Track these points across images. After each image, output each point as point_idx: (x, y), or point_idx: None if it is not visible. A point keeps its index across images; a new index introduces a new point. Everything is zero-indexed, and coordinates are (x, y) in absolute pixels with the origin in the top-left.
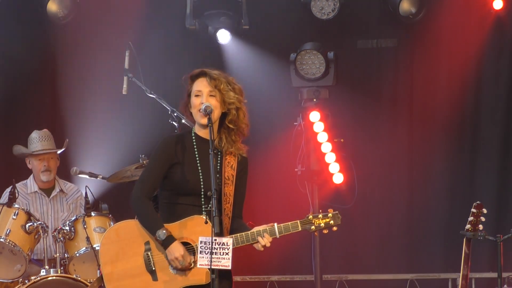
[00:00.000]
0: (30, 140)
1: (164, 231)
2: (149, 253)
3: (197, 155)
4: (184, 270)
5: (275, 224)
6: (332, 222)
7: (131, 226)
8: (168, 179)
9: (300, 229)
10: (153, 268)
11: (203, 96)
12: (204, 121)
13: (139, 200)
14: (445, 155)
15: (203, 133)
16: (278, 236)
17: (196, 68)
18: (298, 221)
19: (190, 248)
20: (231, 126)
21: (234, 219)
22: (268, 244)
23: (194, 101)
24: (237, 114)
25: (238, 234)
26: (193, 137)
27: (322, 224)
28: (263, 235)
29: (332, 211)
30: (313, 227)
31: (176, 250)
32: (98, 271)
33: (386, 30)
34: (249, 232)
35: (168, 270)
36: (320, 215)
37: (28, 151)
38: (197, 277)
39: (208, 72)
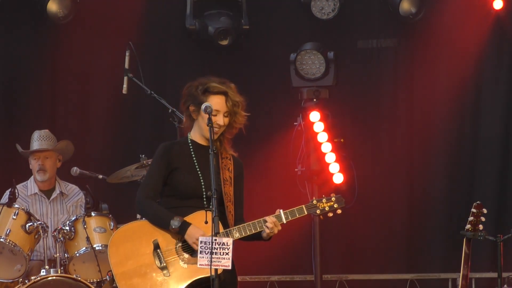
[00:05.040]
0: (31, 140)
1: (177, 219)
2: (158, 250)
3: (195, 160)
4: (195, 263)
5: (281, 210)
6: (336, 205)
7: (137, 226)
8: (168, 185)
9: (306, 213)
10: (164, 264)
11: (219, 115)
12: (216, 135)
13: (143, 202)
14: (445, 155)
15: (201, 140)
16: (285, 221)
17: (197, 69)
18: (303, 205)
19: None
20: (229, 137)
21: (237, 222)
22: (274, 228)
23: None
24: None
25: (245, 224)
26: (190, 144)
27: (327, 208)
28: (273, 220)
29: (334, 194)
30: (318, 210)
31: (196, 232)
32: (107, 276)
33: (386, 30)
34: (255, 221)
35: (179, 264)
36: (324, 199)
37: (24, 150)
38: (208, 269)
39: (230, 93)
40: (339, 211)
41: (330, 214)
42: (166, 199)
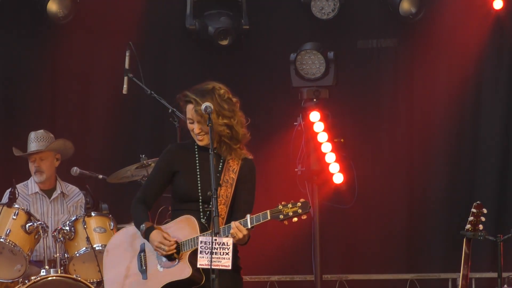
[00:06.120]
0: (27, 141)
1: (144, 224)
2: (142, 254)
3: (197, 163)
4: (169, 267)
5: (248, 215)
6: (300, 210)
7: (131, 232)
8: (172, 188)
9: (269, 218)
10: (144, 268)
11: (195, 123)
12: (202, 143)
13: (132, 205)
14: (445, 155)
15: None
16: (249, 226)
17: (197, 69)
18: (268, 210)
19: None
20: (228, 141)
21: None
22: (238, 233)
23: (188, 126)
24: (231, 132)
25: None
26: (196, 146)
27: (291, 213)
28: (236, 225)
29: (303, 200)
30: (281, 215)
31: (155, 237)
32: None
33: (386, 30)
34: (225, 226)
35: (156, 268)
36: (290, 204)
37: (18, 153)
38: (181, 272)
39: (195, 101)
40: (304, 217)
41: (295, 219)
42: (172, 201)
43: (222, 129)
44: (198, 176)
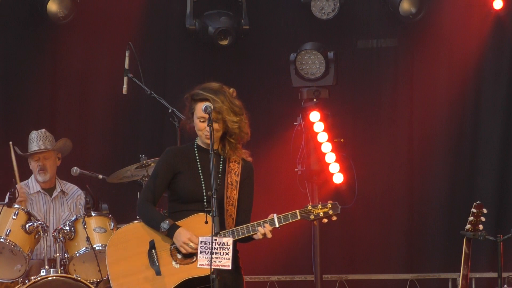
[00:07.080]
0: (29, 140)
1: (167, 221)
2: (153, 250)
3: (199, 164)
4: (187, 263)
5: (275, 214)
6: (331, 211)
7: (136, 228)
8: (172, 190)
9: (299, 218)
10: (157, 264)
11: (207, 121)
12: (208, 141)
13: (140, 205)
14: (445, 155)
15: (204, 144)
16: (277, 226)
17: (197, 69)
18: (297, 210)
19: None
20: (232, 140)
21: (238, 225)
22: (268, 234)
23: (199, 125)
24: (239, 130)
25: (238, 227)
26: (195, 148)
27: (321, 214)
28: (263, 225)
29: (331, 201)
30: (312, 216)
31: (183, 235)
32: (107, 275)
33: (386, 30)
34: (249, 224)
35: (171, 265)
36: (319, 205)
37: (22, 153)
38: (200, 269)
39: (211, 99)
40: (334, 218)
41: (325, 220)
42: (171, 204)
43: (235, 127)
44: (201, 176)
